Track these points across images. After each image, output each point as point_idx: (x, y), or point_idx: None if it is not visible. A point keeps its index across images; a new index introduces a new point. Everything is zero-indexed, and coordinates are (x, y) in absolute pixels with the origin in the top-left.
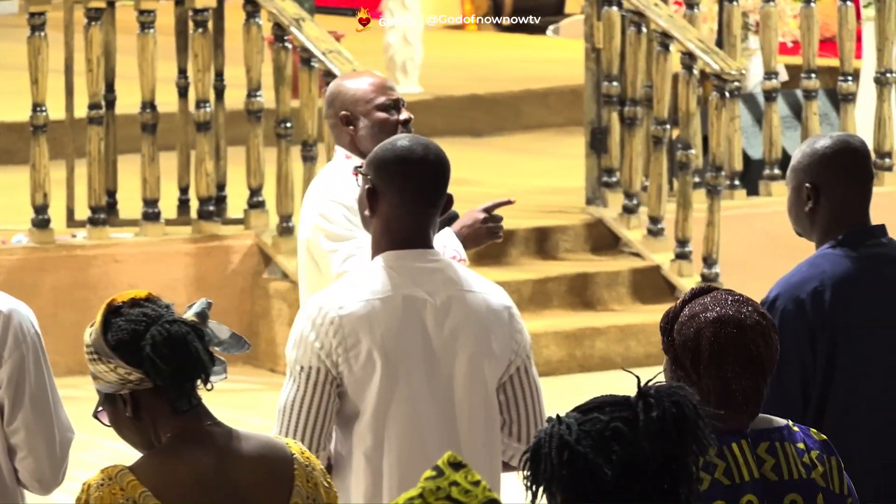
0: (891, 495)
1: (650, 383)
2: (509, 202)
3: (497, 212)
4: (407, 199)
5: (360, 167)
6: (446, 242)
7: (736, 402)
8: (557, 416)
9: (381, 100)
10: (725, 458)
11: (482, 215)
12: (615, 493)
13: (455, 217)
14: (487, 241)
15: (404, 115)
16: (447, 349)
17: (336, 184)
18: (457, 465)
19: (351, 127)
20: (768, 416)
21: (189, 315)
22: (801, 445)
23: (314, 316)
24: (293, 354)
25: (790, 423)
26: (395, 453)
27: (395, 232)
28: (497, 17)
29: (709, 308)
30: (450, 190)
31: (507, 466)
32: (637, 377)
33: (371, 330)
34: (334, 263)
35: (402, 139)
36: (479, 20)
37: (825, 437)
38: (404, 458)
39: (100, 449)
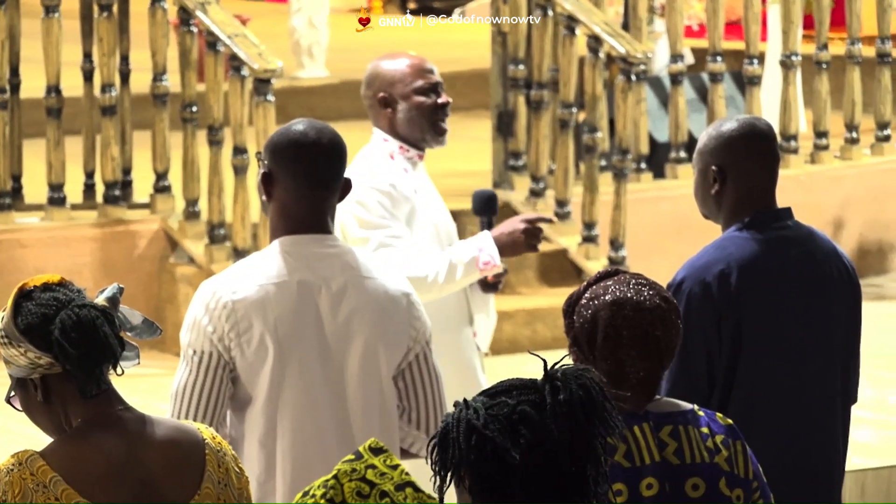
0: (795, 477)
1: (557, 366)
2: (550, 220)
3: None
4: (301, 183)
5: (259, 153)
6: (482, 246)
7: (629, 384)
8: (465, 400)
9: (420, 83)
10: (626, 441)
11: (522, 225)
12: (523, 476)
13: (493, 215)
14: (524, 251)
15: (443, 98)
16: (342, 335)
17: (375, 169)
18: (377, 451)
19: (389, 109)
20: (673, 399)
21: (100, 300)
22: (704, 430)
23: (207, 300)
24: (186, 338)
25: (695, 407)
26: (288, 438)
27: (290, 216)
28: (403, 1)
29: (609, 290)
30: None
31: (406, 454)
32: (544, 360)
33: (264, 315)
34: (366, 251)
35: (297, 123)
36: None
37: (731, 421)
38: (297, 443)
39: (12, 434)
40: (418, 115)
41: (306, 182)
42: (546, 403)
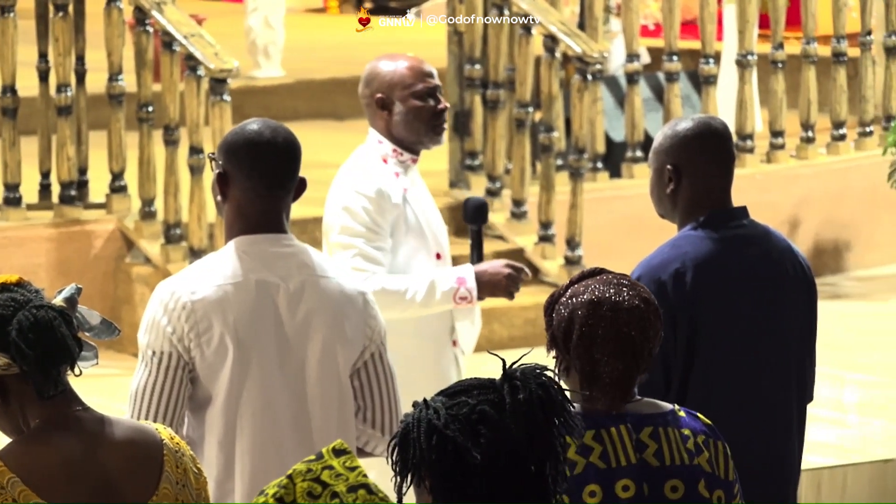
0: (751, 476)
1: (515, 366)
2: (528, 275)
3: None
4: (256, 182)
5: (213, 154)
6: (464, 279)
7: (602, 384)
8: (425, 400)
9: (419, 87)
10: (603, 442)
11: (506, 270)
12: (484, 475)
13: (483, 223)
14: (502, 296)
15: (442, 104)
16: (300, 334)
17: (365, 174)
18: (339, 452)
19: (386, 111)
20: (654, 400)
21: (58, 300)
22: (685, 431)
23: (166, 300)
24: (145, 339)
25: (676, 407)
26: (247, 439)
27: (246, 216)
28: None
29: (589, 289)
30: (313, 173)
31: (361, 452)
32: (503, 360)
33: (223, 315)
34: (342, 256)
35: (252, 123)
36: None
37: (710, 422)
38: (257, 443)
39: None
40: (415, 119)
41: (262, 182)
42: (506, 403)
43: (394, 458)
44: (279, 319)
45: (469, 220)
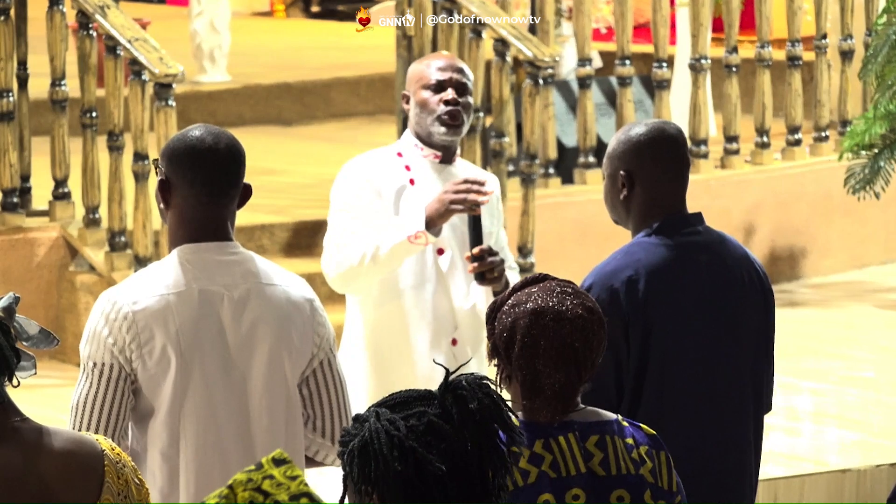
0: (704, 489)
1: (455, 376)
2: (481, 183)
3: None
4: (198, 190)
5: (157, 160)
6: (412, 218)
7: (544, 395)
8: (375, 411)
9: (428, 80)
10: (552, 451)
11: (451, 186)
12: (439, 487)
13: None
14: (455, 209)
15: (449, 94)
16: (245, 344)
17: (365, 157)
18: (279, 462)
19: (408, 106)
20: (597, 409)
21: None
22: (629, 440)
23: (107, 311)
24: (86, 350)
25: (620, 417)
26: (191, 450)
27: (189, 224)
28: (307, 4)
29: (532, 298)
30: (258, 180)
31: (311, 462)
32: (446, 369)
33: (165, 325)
34: (328, 231)
35: (194, 129)
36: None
37: (654, 431)
38: (200, 454)
39: None
40: (422, 110)
41: (204, 189)
42: (452, 414)
43: (352, 471)
44: (223, 329)
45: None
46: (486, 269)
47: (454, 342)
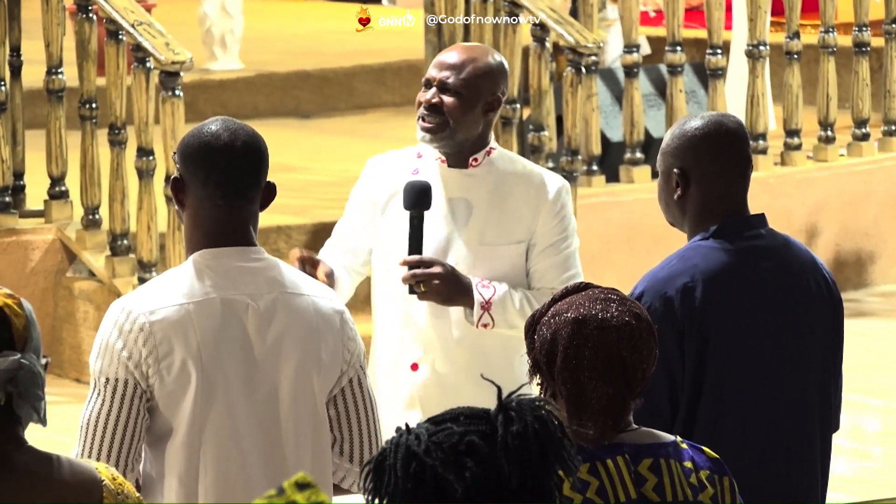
0: (765, 499)
1: (512, 396)
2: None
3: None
4: (211, 191)
5: (175, 154)
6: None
7: (591, 410)
8: (407, 425)
9: (425, 77)
10: (599, 476)
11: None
12: None
13: (425, 209)
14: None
15: (429, 94)
16: (271, 358)
17: (387, 154)
18: (303, 486)
19: None
20: (652, 430)
21: None
22: (688, 464)
23: (121, 321)
24: (98, 364)
25: (678, 438)
26: (211, 476)
27: (205, 227)
28: None
29: (573, 307)
30: (274, 177)
31: (337, 489)
32: (498, 388)
33: (185, 338)
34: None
35: (211, 123)
36: None
37: (716, 455)
38: (221, 480)
39: None
40: (417, 110)
41: (218, 191)
42: (497, 435)
43: (366, 484)
44: (248, 342)
45: (409, 206)
46: (420, 279)
47: (414, 367)
